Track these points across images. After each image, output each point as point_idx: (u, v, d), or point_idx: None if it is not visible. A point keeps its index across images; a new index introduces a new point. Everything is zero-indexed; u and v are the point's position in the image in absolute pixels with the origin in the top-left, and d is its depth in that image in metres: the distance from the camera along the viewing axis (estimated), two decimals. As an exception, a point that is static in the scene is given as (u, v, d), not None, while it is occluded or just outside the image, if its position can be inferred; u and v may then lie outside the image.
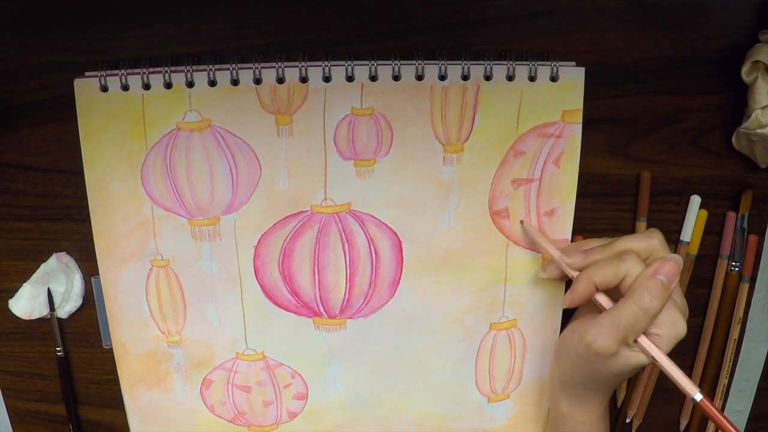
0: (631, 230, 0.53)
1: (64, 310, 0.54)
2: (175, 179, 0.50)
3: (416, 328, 0.54)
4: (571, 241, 0.52)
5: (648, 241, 0.45)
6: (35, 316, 0.54)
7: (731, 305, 0.54)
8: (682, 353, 0.53)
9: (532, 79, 0.47)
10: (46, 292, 0.54)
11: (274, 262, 0.52)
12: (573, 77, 0.47)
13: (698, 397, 0.42)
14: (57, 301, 0.54)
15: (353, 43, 0.48)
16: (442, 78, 0.47)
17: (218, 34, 0.48)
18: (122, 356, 0.55)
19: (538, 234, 0.50)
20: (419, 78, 0.47)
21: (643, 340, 0.43)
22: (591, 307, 0.47)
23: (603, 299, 0.45)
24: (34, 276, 0.54)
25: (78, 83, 0.47)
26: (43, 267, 0.54)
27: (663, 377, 0.56)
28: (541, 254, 0.52)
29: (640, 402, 0.57)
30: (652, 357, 0.43)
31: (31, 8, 0.47)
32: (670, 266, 0.43)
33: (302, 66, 0.47)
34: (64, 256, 0.54)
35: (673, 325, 0.43)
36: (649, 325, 0.43)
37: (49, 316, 0.55)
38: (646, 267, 0.43)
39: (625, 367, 0.44)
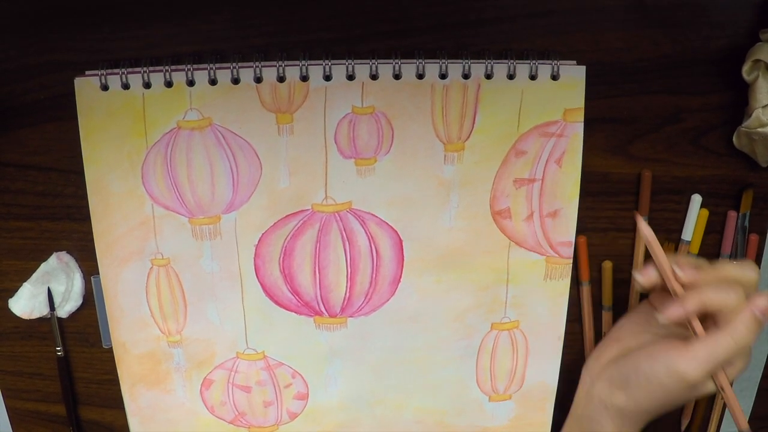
0: (632, 229, 0.53)
1: (64, 310, 0.54)
2: (175, 178, 0.49)
3: (417, 326, 0.54)
4: (574, 242, 0.52)
5: (751, 275, 0.44)
6: (35, 315, 0.54)
7: (732, 305, 0.54)
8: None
9: (532, 77, 0.47)
10: (46, 291, 0.54)
11: (275, 261, 0.52)
12: (574, 76, 0.47)
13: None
14: (57, 300, 0.54)
15: (354, 42, 0.48)
16: (443, 77, 0.47)
17: (219, 33, 0.48)
18: (122, 356, 0.55)
19: (651, 236, 0.46)
20: (420, 77, 0.47)
21: (721, 373, 0.43)
22: (656, 331, 0.47)
23: (698, 326, 0.44)
24: (35, 275, 0.54)
25: (78, 82, 0.47)
26: (43, 266, 0.54)
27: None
28: (543, 257, 0.52)
29: (641, 402, 0.57)
30: (722, 388, 0.43)
31: (32, 8, 0.47)
32: (766, 303, 0.42)
33: (303, 65, 0.47)
34: (64, 256, 0.54)
35: (745, 358, 0.44)
36: (739, 360, 0.43)
37: (49, 316, 0.54)
38: (746, 301, 0.43)
39: (697, 395, 0.44)
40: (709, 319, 0.44)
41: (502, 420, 0.57)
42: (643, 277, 0.46)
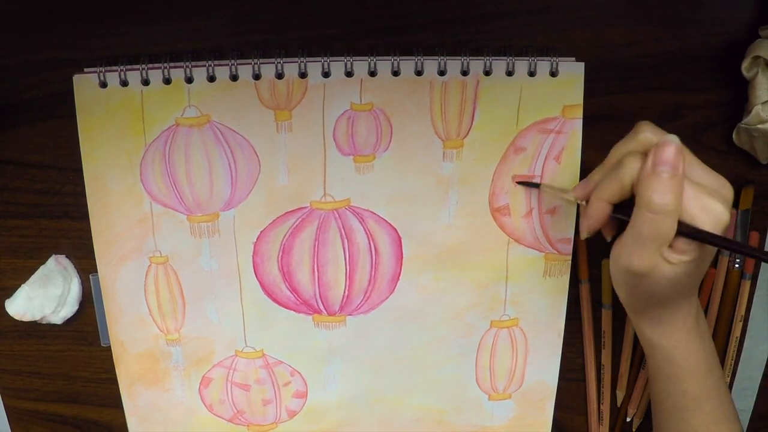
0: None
1: (59, 315, 0.54)
2: (174, 175, 0.49)
3: (416, 324, 0.53)
4: (574, 240, 0.51)
5: (638, 137, 0.40)
6: (28, 318, 0.53)
7: (733, 303, 0.54)
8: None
9: (531, 74, 0.47)
10: (42, 295, 0.53)
11: (274, 258, 0.51)
12: (573, 72, 0.47)
13: None
14: (53, 305, 0.53)
15: (352, 38, 0.48)
16: (442, 73, 0.47)
17: (217, 30, 0.48)
18: (120, 355, 0.54)
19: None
20: (418, 73, 0.47)
21: (671, 252, 0.38)
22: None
23: (620, 214, 0.41)
24: (32, 278, 0.53)
25: (77, 79, 0.47)
26: (41, 269, 0.53)
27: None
28: (542, 254, 0.52)
29: (640, 401, 0.57)
30: (686, 261, 0.38)
31: (30, 5, 0.47)
32: (667, 151, 0.37)
33: (301, 61, 0.47)
34: (63, 259, 0.53)
35: (707, 211, 0.37)
36: (674, 224, 0.37)
37: (42, 321, 0.54)
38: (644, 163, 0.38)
39: (672, 277, 0.39)
40: None
41: (502, 420, 0.57)
42: (582, 230, 0.44)
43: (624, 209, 0.40)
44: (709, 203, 0.37)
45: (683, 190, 0.37)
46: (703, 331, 0.44)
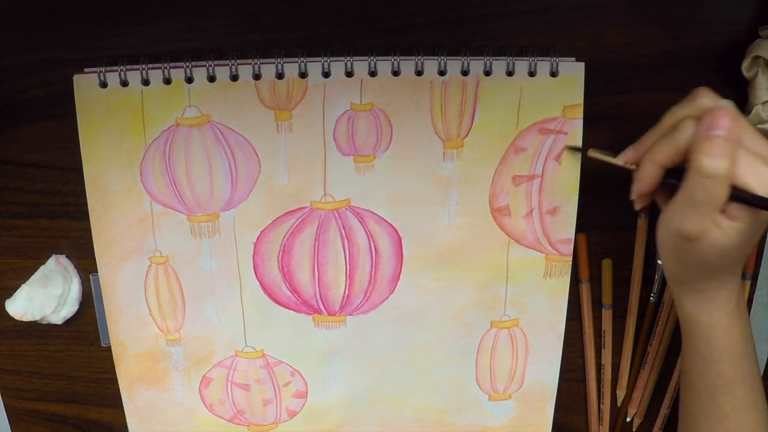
0: (633, 227, 0.52)
1: (59, 315, 0.54)
2: (174, 175, 0.49)
3: (416, 324, 0.53)
4: (574, 240, 0.51)
5: (694, 102, 0.40)
6: (28, 318, 0.53)
7: (733, 303, 0.54)
8: (683, 351, 0.53)
9: (531, 74, 0.47)
10: (42, 295, 0.53)
11: (274, 258, 0.51)
12: (573, 72, 0.47)
13: None
14: (53, 305, 0.53)
15: (352, 38, 0.48)
16: (442, 73, 0.47)
17: (218, 30, 0.48)
18: (121, 355, 0.54)
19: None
20: (419, 73, 0.47)
21: (723, 218, 0.38)
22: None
23: (672, 179, 0.40)
24: (33, 278, 0.53)
25: (77, 79, 0.47)
26: (41, 269, 0.53)
27: (664, 376, 0.56)
28: (543, 255, 0.52)
29: (640, 401, 0.57)
30: (737, 227, 0.38)
31: (31, 5, 0.47)
32: (720, 115, 0.37)
33: (301, 61, 0.47)
34: (63, 260, 0.53)
35: (761, 178, 0.37)
36: (726, 189, 0.37)
37: (42, 321, 0.54)
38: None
39: (723, 244, 0.39)
40: None
41: (502, 420, 0.57)
42: (635, 199, 0.44)
43: (676, 174, 0.40)
44: (764, 170, 0.37)
45: (737, 155, 0.37)
46: (743, 312, 0.44)
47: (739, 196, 0.38)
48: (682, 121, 0.39)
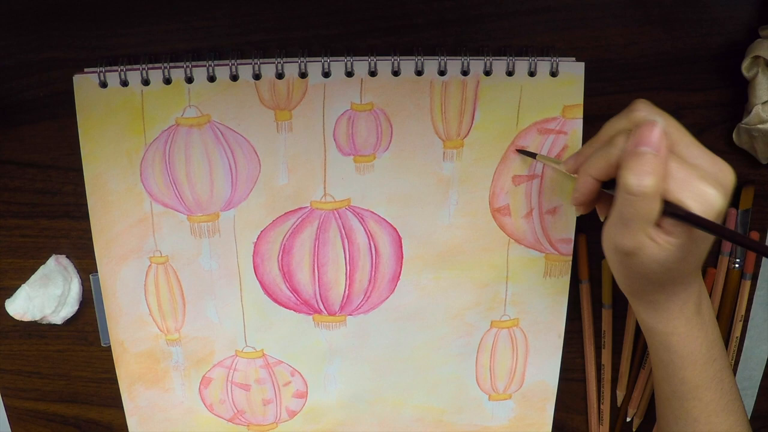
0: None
1: (59, 315, 0.54)
2: (174, 175, 0.49)
3: (416, 324, 0.53)
4: (575, 241, 0.51)
5: (630, 115, 0.39)
6: (28, 318, 0.54)
7: (733, 303, 0.54)
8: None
9: (531, 74, 0.47)
10: (42, 295, 0.53)
11: (274, 258, 0.51)
12: (573, 72, 0.47)
13: None
14: (53, 305, 0.53)
15: (352, 38, 0.48)
16: (442, 73, 0.47)
17: (218, 30, 0.48)
18: (121, 355, 0.54)
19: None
20: (419, 73, 0.47)
21: (658, 233, 0.37)
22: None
23: (610, 190, 0.39)
24: (32, 278, 0.53)
25: (77, 79, 0.47)
26: (41, 269, 0.53)
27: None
28: (543, 255, 0.52)
29: (640, 401, 0.57)
30: (674, 243, 0.37)
31: (31, 5, 0.47)
32: (648, 131, 0.36)
33: (301, 61, 0.47)
34: (63, 260, 0.53)
35: (699, 197, 0.35)
36: (656, 205, 0.36)
37: (42, 321, 0.54)
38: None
39: (661, 259, 0.37)
40: None
41: (502, 420, 0.57)
42: (573, 203, 0.43)
43: (614, 185, 0.39)
44: (700, 186, 0.36)
45: (666, 171, 0.36)
46: (705, 319, 0.43)
47: (673, 212, 0.36)
48: (616, 135, 0.38)
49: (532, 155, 0.49)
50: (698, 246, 0.39)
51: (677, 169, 0.36)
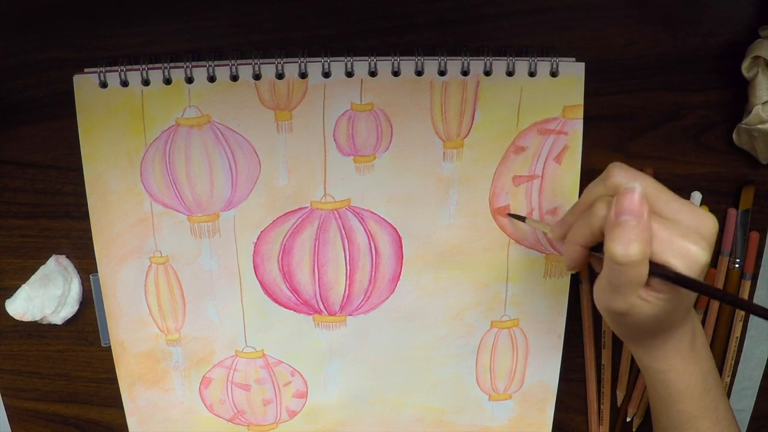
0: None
1: (59, 316, 0.54)
2: (174, 175, 0.49)
3: (416, 324, 0.53)
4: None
5: (607, 181, 0.39)
6: (28, 318, 0.54)
7: (733, 303, 0.54)
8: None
9: (531, 74, 0.47)
10: (42, 295, 0.53)
11: (274, 258, 0.51)
12: (573, 72, 0.47)
13: None
14: (53, 305, 0.53)
15: (353, 38, 0.48)
16: (442, 73, 0.47)
17: (218, 30, 0.48)
18: (121, 355, 0.54)
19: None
20: (419, 73, 0.47)
21: (648, 292, 0.37)
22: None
23: (599, 252, 0.40)
24: (33, 278, 0.53)
25: (77, 79, 0.47)
26: (41, 269, 0.53)
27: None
28: (543, 255, 0.52)
29: (640, 401, 0.57)
30: (663, 299, 0.37)
31: (31, 5, 0.47)
32: (627, 201, 0.36)
33: (301, 62, 0.47)
34: (63, 260, 0.53)
35: (683, 255, 0.36)
36: (644, 269, 0.36)
37: (42, 321, 0.54)
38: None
39: (652, 315, 0.38)
40: None
41: (502, 420, 0.57)
42: (566, 266, 0.44)
43: (602, 248, 0.39)
44: (684, 245, 0.36)
45: (650, 235, 0.36)
46: (699, 352, 0.43)
47: (660, 273, 0.37)
48: (596, 202, 0.39)
49: (522, 219, 0.50)
50: (688, 294, 0.39)
51: (660, 229, 0.37)
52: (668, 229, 0.37)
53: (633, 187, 0.37)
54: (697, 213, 0.38)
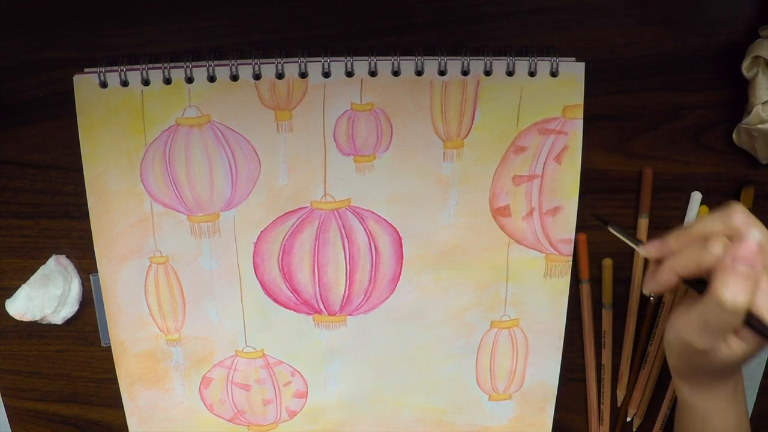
0: (633, 227, 0.52)
1: (59, 315, 0.54)
2: (174, 175, 0.49)
3: (416, 324, 0.53)
4: (575, 241, 0.51)
5: (728, 221, 0.39)
6: (28, 318, 0.54)
7: (733, 303, 0.54)
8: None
9: (531, 74, 0.47)
10: (42, 295, 0.53)
11: (274, 258, 0.51)
12: (573, 72, 0.47)
13: None
14: (53, 305, 0.53)
15: (353, 38, 0.48)
16: (442, 73, 0.47)
17: (218, 30, 0.48)
18: (121, 355, 0.54)
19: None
20: (419, 73, 0.47)
21: (733, 339, 0.39)
22: (692, 294, 0.43)
23: (691, 286, 0.41)
24: (33, 278, 0.53)
25: (77, 79, 0.47)
26: (42, 269, 0.53)
27: (664, 375, 0.56)
28: (543, 255, 0.52)
29: (640, 401, 0.57)
30: (746, 348, 0.39)
31: (31, 5, 0.47)
32: (746, 250, 0.37)
33: (302, 61, 0.47)
34: (63, 260, 0.53)
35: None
36: (741, 318, 0.37)
37: (42, 321, 0.54)
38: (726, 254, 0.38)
39: (728, 360, 0.40)
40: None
41: (502, 420, 0.57)
42: (645, 286, 0.44)
43: (695, 282, 0.40)
44: None
45: (758, 287, 0.37)
46: (740, 394, 0.45)
47: (754, 325, 0.38)
48: (711, 238, 0.39)
49: (604, 222, 0.49)
50: (763, 346, 0.40)
51: (763, 281, 0.38)
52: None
53: (753, 233, 0.38)
54: None
